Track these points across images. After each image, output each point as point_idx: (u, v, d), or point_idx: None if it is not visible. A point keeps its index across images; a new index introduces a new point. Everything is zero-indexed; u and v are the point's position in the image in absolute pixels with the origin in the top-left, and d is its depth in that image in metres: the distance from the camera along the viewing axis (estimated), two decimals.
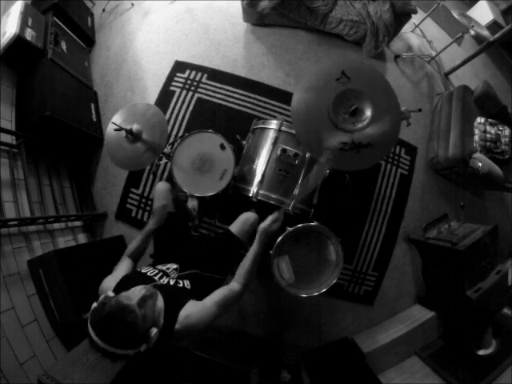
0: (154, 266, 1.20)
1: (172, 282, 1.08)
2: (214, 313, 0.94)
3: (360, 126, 1.24)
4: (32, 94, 1.82)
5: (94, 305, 0.82)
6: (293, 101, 1.27)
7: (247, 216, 1.43)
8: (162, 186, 1.48)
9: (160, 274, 1.11)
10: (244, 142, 1.80)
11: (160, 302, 0.92)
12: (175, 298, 0.97)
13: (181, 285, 1.09)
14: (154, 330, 0.82)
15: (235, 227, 1.41)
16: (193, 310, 0.92)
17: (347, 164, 1.29)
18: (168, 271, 1.14)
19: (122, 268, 1.14)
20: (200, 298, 1.00)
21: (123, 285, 0.99)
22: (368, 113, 1.25)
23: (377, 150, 1.26)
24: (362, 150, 1.24)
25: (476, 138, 2.25)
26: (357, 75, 1.27)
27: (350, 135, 1.24)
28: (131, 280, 1.02)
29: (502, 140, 2.25)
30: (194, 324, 0.90)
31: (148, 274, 1.10)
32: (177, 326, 0.89)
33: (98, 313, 0.78)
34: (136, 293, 0.86)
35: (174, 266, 1.20)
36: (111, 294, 0.89)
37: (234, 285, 1.08)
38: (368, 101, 1.25)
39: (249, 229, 1.41)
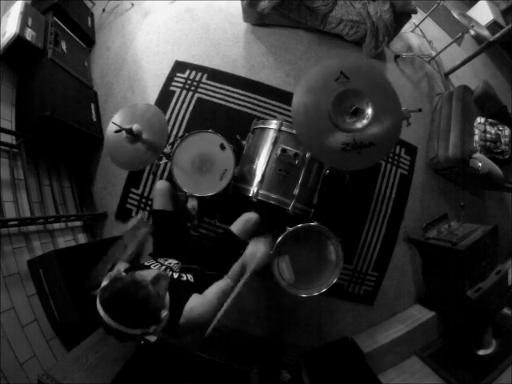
0: (155, 260, 1.20)
1: (176, 276, 1.08)
2: (215, 306, 0.95)
3: (361, 125, 1.24)
4: (32, 94, 1.82)
5: (105, 282, 0.80)
6: (293, 103, 1.27)
7: (249, 216, 1.43)
8: (161, 185, 1.48)
9: (163, 267, 1.11)
10: (244, 142, 1.80)
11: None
12: (180, 292, 0.97)
13: (184, 278, 1.10)
14: (165, 312, 0.81)
15: (236, 227, 1.41)
16: (196, 304, 0.93)
17: (349, 164, 1.29)
18: (170, 265, 1.15)
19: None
20: (202, 292, 1.00)
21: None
22: (369, 112, 1.25)
23: (378, 149, 1.26)
24: (363, 150, 1.24)
25: (476, 137, 2.25)
26: (356, 75, 1.27)
27: (351, 135, 1.24)
28: (137, 269, 1.00)
29: (502, 140, 2.25)
30: (199, 317, 0.91)
31: (152, 266, 1.11)
32: (181, 319, 0.89)
33: (110, 288, 0.75)
34: (151, 272, 0.86)
35: (175, 261, 1.20)
36: (123, 272, 0.86)
37: (228, 281, 1.08)
38: (368, 100, 1.24)
39: (250, 228, 1.41)
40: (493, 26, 3.16)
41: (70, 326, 1.48)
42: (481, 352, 1.97)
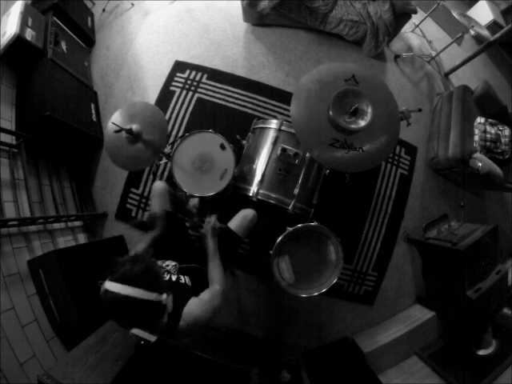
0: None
1: (174, 278, 1.10)
2: (212, 309, 0.97)
3: (356, 126, 1.25)
4: (32, 94, 1.82)
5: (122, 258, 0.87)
6: (299, 83, 1.31)
7: (246, 212, 1.44)
8: (158, 186, 1.48)
9: (162, 270, 1.12)
10: (244, 142, 1.80)
11: None
12: (178, 295, 0.98)
13: (182, 281, 1.11)
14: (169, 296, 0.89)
15: (234, 223, 1.42)
16: (194, 307, 0.95)
17: (330, 160, 1.29)
18: (168, 268, 1.15)
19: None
20: (198, 295, 1.02)
21: None
22: (367, 117, 1.25)
23: (365, 158, 1.28)
24: (350, 152, 1.26)
25: (476, 137, 2.25)
26: (365, 84, 1.30)
27: (343, 136, 1.26)
28: None
29: (502, 140, 2.25)
30: (197, 320, 0.93)
31: None
32: (181, 322, 0.91)
33: (130, 266, 0.83)
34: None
35: (173, 262, 1.21)
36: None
37: (215, 286, 1.09)
38: (370, 106, 1.25)
39: (248, 225, 1.41)
40: (493, 26, 3.17)
41: (70, 325, 1.48)
42: (481, 352, 1.97)
